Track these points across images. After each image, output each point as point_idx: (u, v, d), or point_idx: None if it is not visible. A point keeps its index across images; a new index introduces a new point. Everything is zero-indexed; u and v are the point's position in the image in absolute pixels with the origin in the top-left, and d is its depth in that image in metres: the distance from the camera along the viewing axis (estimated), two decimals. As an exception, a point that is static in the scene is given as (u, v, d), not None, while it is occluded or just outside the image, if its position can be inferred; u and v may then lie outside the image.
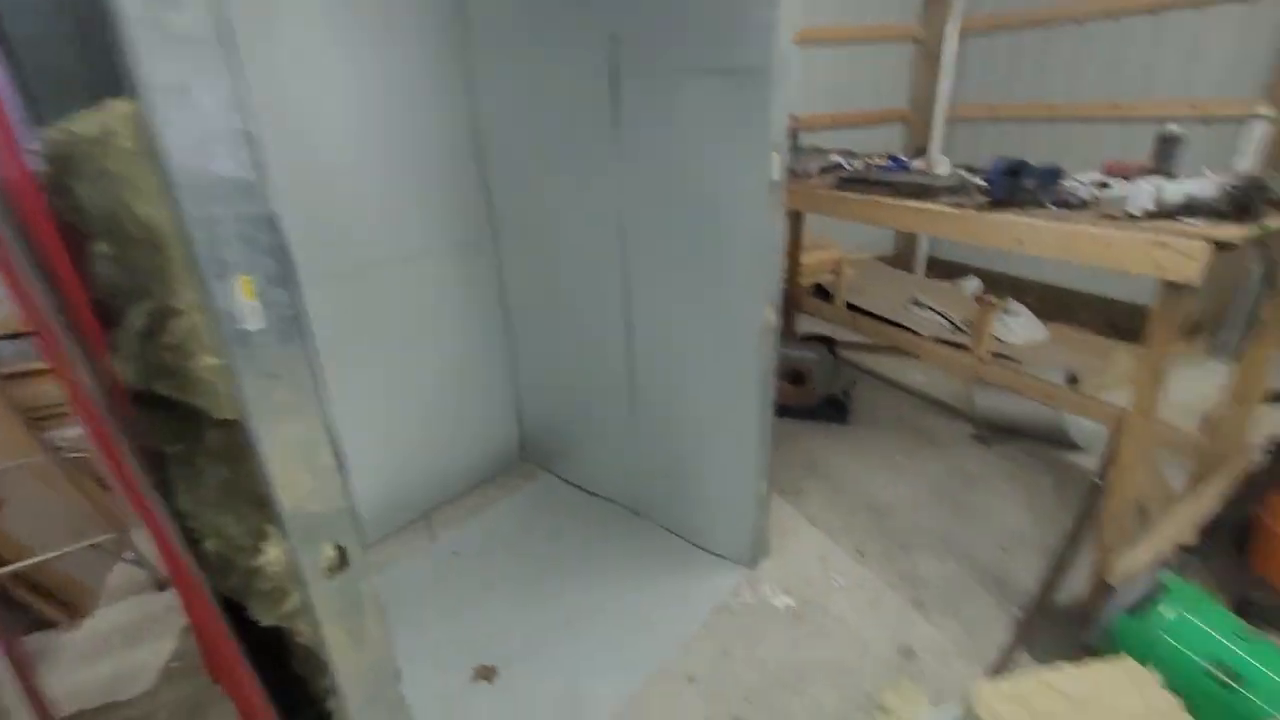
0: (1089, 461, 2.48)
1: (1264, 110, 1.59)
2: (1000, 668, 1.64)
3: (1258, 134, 1.58)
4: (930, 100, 4.37)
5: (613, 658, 1.74)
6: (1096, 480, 1.80)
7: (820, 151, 2.63)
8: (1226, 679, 1.34)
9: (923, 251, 4.83)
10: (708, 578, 1.99)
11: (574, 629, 1.83)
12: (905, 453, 2.62)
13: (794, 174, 2.30)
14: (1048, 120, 3.90)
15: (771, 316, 1.69)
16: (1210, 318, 3.32)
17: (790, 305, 3.16)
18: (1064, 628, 1.72)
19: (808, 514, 2.26)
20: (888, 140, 4.50)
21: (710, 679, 1.65)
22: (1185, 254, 1.26)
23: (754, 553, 2.00)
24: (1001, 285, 4.37)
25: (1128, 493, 1.58)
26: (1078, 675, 1.20)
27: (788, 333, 3.10)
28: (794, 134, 2.58)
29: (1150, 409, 1.49)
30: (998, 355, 3.45)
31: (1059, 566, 1.91)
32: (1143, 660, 1.43)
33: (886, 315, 3.77)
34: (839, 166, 2.43)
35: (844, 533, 2.16)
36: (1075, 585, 1.84)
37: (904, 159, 2.32)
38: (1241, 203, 1.29)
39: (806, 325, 3.32)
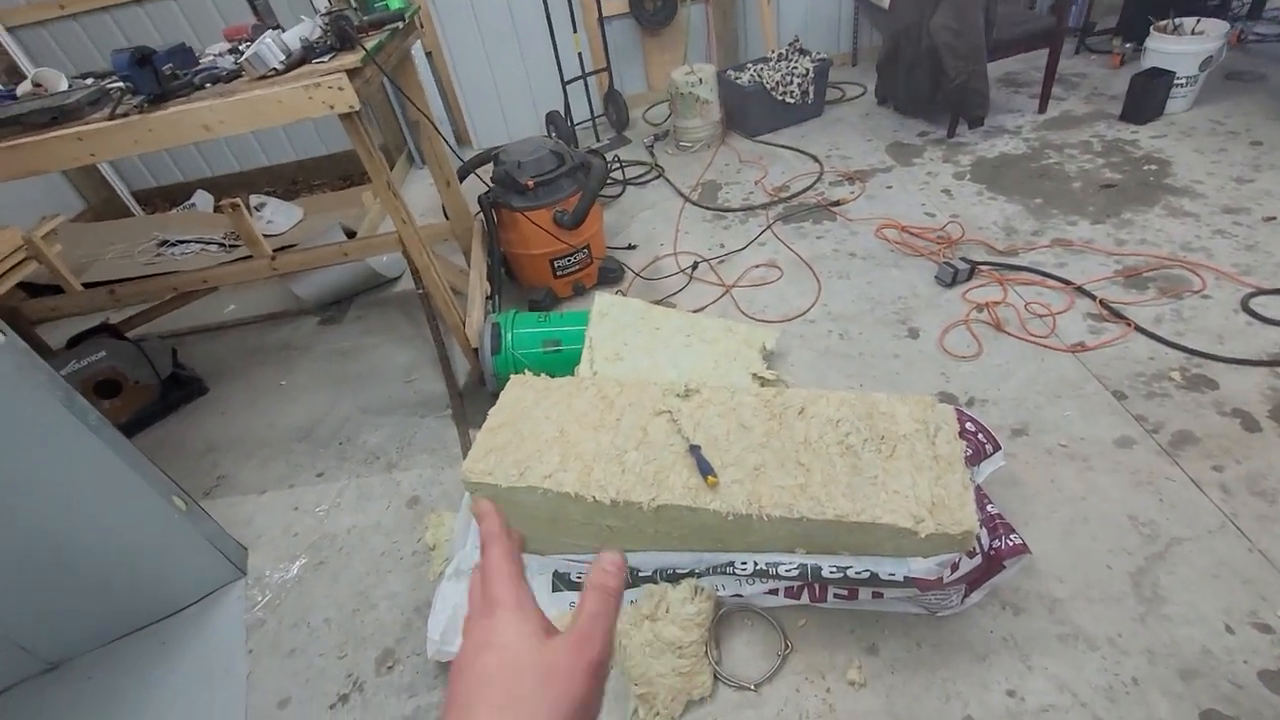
0: (407, 282, 2.96)
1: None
2: (467, 450, 2.04)
3: (311, -26, 1.85)
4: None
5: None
6: (419, 291, 2.21)
7: None
8: (553, 348, 2.04)
9: (123, 191, 4.11)
10: (207, 624, 1.68)
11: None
12: (281, 374, 2.55)
13: None
14: (130, 3, 3.52)
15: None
16: (395, 136, 4.07)
17: (23, 323, 2.33)
18: (477, 394, 2.21)
19: (248, 487, 2.05)
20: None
21: (298, 685, 1.51)
22: (336, 87, 1.48)
23: (235, 559, 1.76)
24: (228, 188, 4.21)
25: (438, 285, 2.00)
26: (499, 409, 1.62)
27: (49, 352, 2.34)
28: None
29: (407, 220, 1.84)
30: (280, 250, 3.49)
31: (444, 361, 2.36)
32: (518, 371, 2.03)
33: (144, 272, 3.23)
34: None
35: (293, 472, 2.08)
36: (461, 364, 2.33)
37: (1, 87, 1.80)
38: (340, 35, 1.57)
39: (59, 334, 2.56)
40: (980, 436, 1.47)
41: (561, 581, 1.54)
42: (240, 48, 1.78)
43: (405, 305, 2.80)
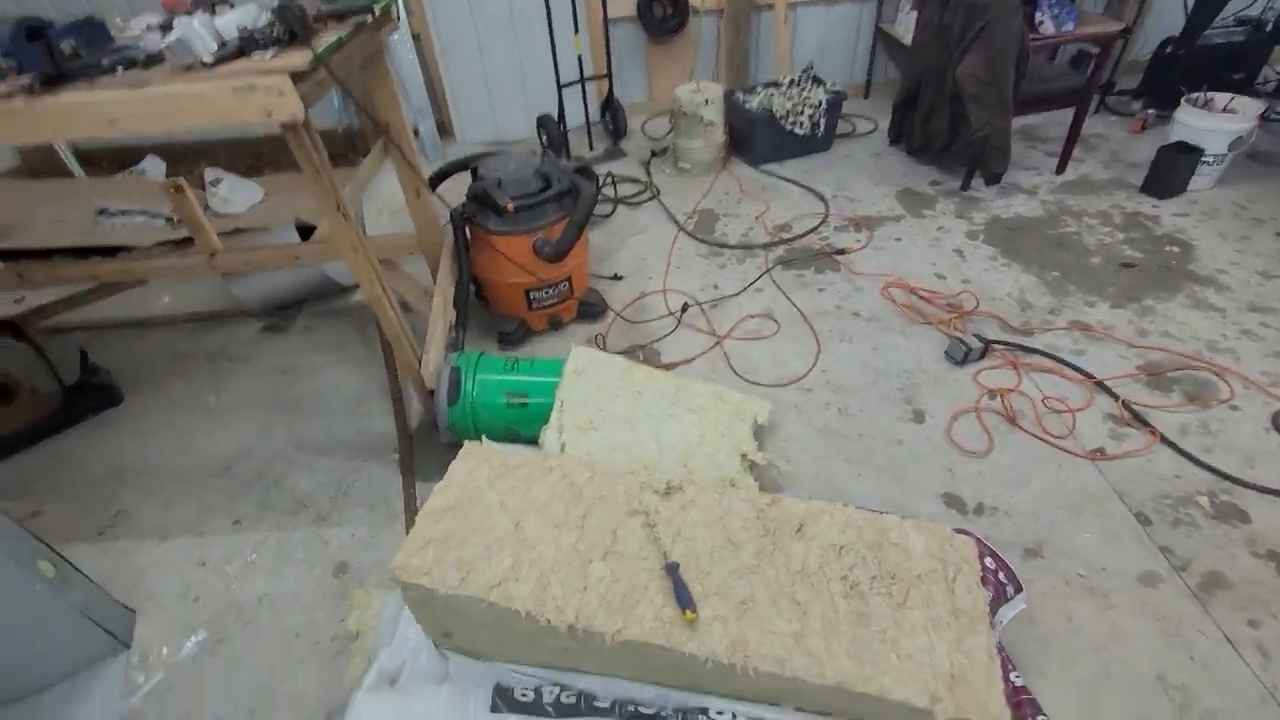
0: (366, 292, 2.66)
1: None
2: (411, 514, 1.78)
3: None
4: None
5: None
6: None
7: None
8: (519, 401, 1.79)
9: (63, 147, 3.71)
10: (74, 711, 1.40)
11: None
12: (211, 389, 2.25)
13: None
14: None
15: None
16: (360, 127, 3.74)
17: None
18: (431, 439, 1.94)
19: (148, 530, 1.77)
20: None
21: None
22: (276, 91, 1.22)
23: (117, 631, 1.48)
24: (186, 156, 3.85)
25: (391, 320, 1.72)
26: (446, 486, 1.37)
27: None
28: None
29: (358, 247, 1.57)
30: (231, 233, 3.16)
31: (397, 396, 2.10)
32: (476, 422, 1.77)
33: (71, 244, 2.88)
34: None
35: (204, 516, 1.80)
36: (416, 404, 2.06)
37: None
38: (289, 28, 1.29)
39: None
40: (1001, 576, 1.28)
41: (503, 700, 1.30)
42: (174, 23, 1.48)
43: (362, 320, 2.52)
